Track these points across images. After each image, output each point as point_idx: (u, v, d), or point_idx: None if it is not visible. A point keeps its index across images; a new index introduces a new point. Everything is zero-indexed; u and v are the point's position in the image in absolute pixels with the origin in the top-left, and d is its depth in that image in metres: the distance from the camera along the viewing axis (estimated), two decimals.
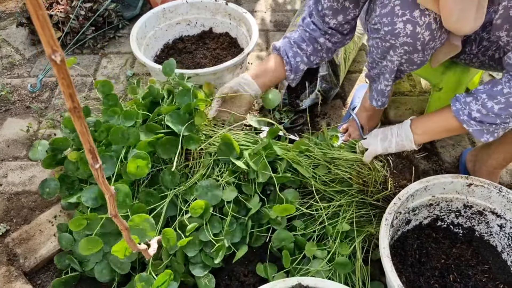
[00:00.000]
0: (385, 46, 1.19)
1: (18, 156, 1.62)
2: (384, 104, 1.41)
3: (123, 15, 2.19)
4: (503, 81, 1.08)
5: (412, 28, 1.10)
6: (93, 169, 0.67)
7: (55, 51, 0.49)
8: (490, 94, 1.09)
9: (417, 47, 1.14)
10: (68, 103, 0.57)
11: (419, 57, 1.18)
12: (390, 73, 1.27)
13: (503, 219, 1.27)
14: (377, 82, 1.36)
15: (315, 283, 1.06)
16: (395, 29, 1.12)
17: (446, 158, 1.63)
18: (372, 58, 1.30)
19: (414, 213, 1.31)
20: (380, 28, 1.16)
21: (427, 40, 1.12)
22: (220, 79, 1.62)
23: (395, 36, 1.14)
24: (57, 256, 1.31)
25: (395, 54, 1.18)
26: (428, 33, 1.11)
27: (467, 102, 1.14)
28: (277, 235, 1.26)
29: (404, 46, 1.15)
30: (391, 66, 1.24)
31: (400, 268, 1.27)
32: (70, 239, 1.29)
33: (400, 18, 1.10)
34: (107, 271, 1.24)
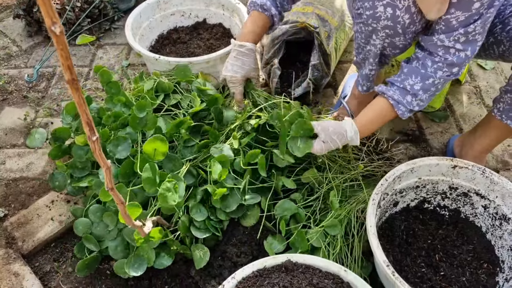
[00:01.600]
0: (368, 30, 1.23)
1: (16, 144, 1.65)
2: (369, 89, 1.45)
3: (119, 7, 2.22)
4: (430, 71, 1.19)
5: (392, 12, 1.15)
6: (90, 141, 0.71)
7: (55, 23, 0.53)
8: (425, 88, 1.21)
9: (397, 30, 1.18)
10: (66, 74, 0.61)
11: (400, 41, 1.22)
12: (374, 57, 1.31)
13: (487, 200, 1.32)
14: (363, 67, 1.40)
15: (303, 259, 1.11)
16: (376, 13, 1.17)
17: (435, 145, 1.68)
18: (357, 44, 1.34)
19: (401, 195, 1.36)
20: (362, 13, 1.20)
21: (407, 23, 1.17)
22: (213, 67, 1.66)
23: (376, 20, 1.18)
24: (77, 247, 1.33)
25: (377, 37, 1.23)
26: (408, 16, 1.15)
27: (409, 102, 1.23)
28: (282, 204, 1.29)
29: (385, 29, 1.19)
30: (374, 50, 1.28)
31: (387, 248, 1.31)
32: (88, 222, 1.31)
33: (381, 2, 1.14)
34: (121, 248, 1.27)
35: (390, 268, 1.08)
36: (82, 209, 1.35)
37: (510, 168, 1.62)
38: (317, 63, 1.75)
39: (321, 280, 1.06)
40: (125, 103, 1.46)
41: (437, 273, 1.27)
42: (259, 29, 1.40)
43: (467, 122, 1.76)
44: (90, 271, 1.30)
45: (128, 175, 1.29)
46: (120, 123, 1.43)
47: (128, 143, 1.35)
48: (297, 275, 1.07)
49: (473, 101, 1.85)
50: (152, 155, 1.24)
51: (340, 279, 1.08)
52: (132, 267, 1.21)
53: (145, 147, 1.23)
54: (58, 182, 1.40)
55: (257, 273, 1.08)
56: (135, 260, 1.22)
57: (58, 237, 1.41)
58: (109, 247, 1.27)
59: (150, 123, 1.36)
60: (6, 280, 1.28)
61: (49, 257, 1.37)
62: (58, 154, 1.43)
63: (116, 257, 1.27)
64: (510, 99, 1.30)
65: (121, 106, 1.46)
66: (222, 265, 1.33)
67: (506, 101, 1.32)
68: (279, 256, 1.11)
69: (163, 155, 1.25)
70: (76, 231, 1.31)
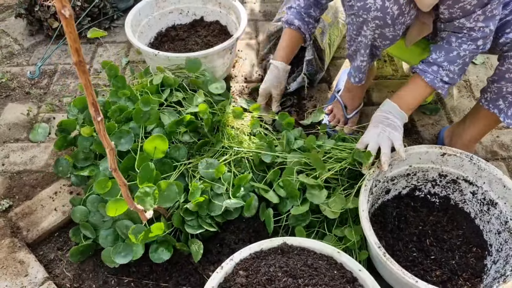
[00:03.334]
0: (359, 21, 1.28)
1: (19, 138, 1.70)
2: (362, 80, 1.49)
3: (118, 7, 2.27)
4: (455, 45, 1.27)
5: (381, 3, 1.20)
6: (95, 122, 0.76)
7: (64, 6, 0.58)
8: (450, 60, 1.28)
9: (387, 21, 1.24)
10: (74, 57, 0.66)
11: (390, 32, 1.27)
12: (365, 49, 1.37)
13: (475, 186, 1.37)
14: (355, 59, 1.45)
15: (299, 242, 1.15)
16: (366, 4, 1.22)
17: (426, 136, 1.73)
18: (349, 36, 1.40)
19: (393, 183, 1.41)
20: (354, 4, 1.26)
21: (396, 14, 1.22)
22: (210, 62, 1.71)
23: (366, 11, 1.23)
24: (73, 230, 1.37)
25: (368, 28, 1.28)
26: (397, 8, 1.21)
27: (435, 71, 1.29)
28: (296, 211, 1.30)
29: (375, 20, 1.24)
30: (365, 41, 1.34)
31: (380, 234, 1.36)
32: (85, 211, 1.36)
33: None
34: (112, 238, 1.31)
35: (381, 249, 1.13)
36: (80, 199, 1.40)
37: (499, 158, 1.67)
38: (311, 58, 1.80)
39: (315, 261, 1.11)
40: (129, 97, 1.51)
41: (427, 257, 1.32)
42: (290, 46, 1.62)
43: (458, 115, 1.81)
44: (83, 258, 1.35)
45: (127, 170, 1.34)
46: (124, 117, 1.48)
47: (130, 136, 1.39)
48: (292, 256, 1.12)
49: (463, 94, 1.91)
50: (152, 153, 1.29)
51: (334, 260, 1.12)
52: (119, 255, 1.25)
53: (145, 145, 1.27)
54: (61, 167, 1.47)
55: (254, 255, 1.12)
56: (123, 248, 1.25)
57: (61, 227, 1.45)
58: (100, 235, 1.30)
59: (153, 118, 1.42)
60: (12, 268, 1.32)
61: (53, 246, 1.42)
62: (63, 145, 1.49)
63: (105, 246, 1.30)
64: (496, 88, 1.35)
65: (125, 100, 1.51)
66: (221, 252, 1.38)
67: (493, 90, 1.37)
68: (275, 239, 1.15)
69: (163, 153, 1.29)
70: (74, 218, 1.36)
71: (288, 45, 1.61)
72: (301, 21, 1.54)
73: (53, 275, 1.34)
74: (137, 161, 1.27)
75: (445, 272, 1.28)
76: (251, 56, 2.08)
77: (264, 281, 1.04)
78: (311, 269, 1.08)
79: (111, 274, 1.34)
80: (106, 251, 1.28)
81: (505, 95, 1.34)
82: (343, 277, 1.08)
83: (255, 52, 2.10)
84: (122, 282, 1.32)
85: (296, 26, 1.54)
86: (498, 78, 1.32)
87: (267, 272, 1.06)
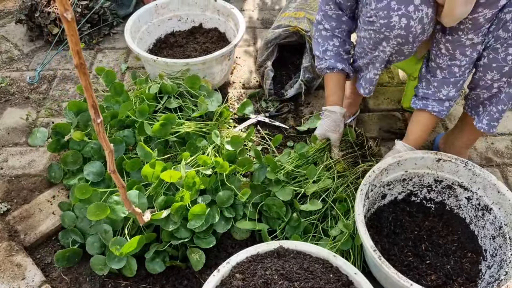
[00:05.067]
0: (379, 38, 1.29)
1: (18, 143, 1.71)
2: (371, 92, 1.51)
3: (117, 13, 2.29)
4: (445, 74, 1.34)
5: (406, 22, 1.22)
6: (95, 124, 0.77)
7: (67, 10, 0.60)
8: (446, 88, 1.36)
9: (409, 39, 1.26)
10: (75, 59, 0.67)
11: (408, 49, 1.30)
12: (381, 63, 1.38)
13: (470, 192, 1.38)
14: (365, 71, 1.46)
15: (295, 246, 1.16)
16: (390, 22, 1.23)
17: None
18: (362, 49, 1.40)
19: (389, 188, 1.42)
20: (375, 21, 1.26)
21: (418, 33, 1.24)
22: (209, 68, 1.73)
23: (390, 29, 1.25)
24: (62, 233, 1.40)
25: (388, 45, 1.30)
26: (420, 27, 1.23)
27: (441, 103, 1.37)
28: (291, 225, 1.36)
29: (397, 38, 1.26)
30: (382, 56, 1.35)
31: (376, 238, 1.37)
32: (73, 216, 1.39)
33: (396, 12, 1.21)
34: (98, 244, 1.33)
35: (376, 252, 1.14)
36: (69, 204, 1.43)
37: (494, 164, 1.69)
38: (308, 65, 1.82)
39: (311, 265, 1.12)
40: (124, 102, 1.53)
41: (423, 261, 1.33)
42: (336, 88, 1.52)
43: (453, 121, 1.83)
44: (69, 264, 1.35)
45: None
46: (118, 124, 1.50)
47: (123, 146, 1.45)
48: (288, 260, 1.13)
49: (458, 102, 1.93)
50: (150, 177, 1.33)
51: (329, 264, 1.13)
52: (112, 261, 1.27)
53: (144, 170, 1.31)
54: (54, 173, 1.52)
55: (250, 258, 1.13)
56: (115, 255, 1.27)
57: (59, 230, 1.45)
58: (87, 241, 1.32)
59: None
60: (9, 271, 1.32)
61: (50, 249, 1.42)
62: (56, 147, 1.52)
63: (92, 253, 1.32)
64: (475, 95, 1.38)
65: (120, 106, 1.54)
66: (218, 256, 1.38)
67: (473, 97, 1.40)
68: (272, 242, 1.16)
69: (156, 179, 1.32)
70: (63, 223, 1.39)
71: (338, 89, 1.52)
72: (342, 62, 1.47)
73: (50, 279, 1.34)
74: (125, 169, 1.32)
75: (440, 277, 1.28)
76: (249, 63, 2.10)
77: (260, 284, 1.05)
78: (307, 272, 1.09)
79: (108, 278, 1.34)
80: (96, 259, 1.30)
81: (483, 102, 1.37)
82: (338, 281, 1.09)
83: (253, 59, 2.12)
84: (119, 285, 1.32)
85: (339, 69, 1.47)
86: (474, 85, 1.36)
87: (264, 275, 1.07)
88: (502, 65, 1.23)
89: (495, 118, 1.37)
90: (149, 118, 1.53)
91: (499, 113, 1.35)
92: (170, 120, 1.45)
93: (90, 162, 1.42)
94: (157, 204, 1.30)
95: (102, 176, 1.42)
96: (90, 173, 1.40)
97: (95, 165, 1.42)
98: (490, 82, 1.29)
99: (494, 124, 1.38)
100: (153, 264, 1.30)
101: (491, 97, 1.34)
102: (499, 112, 1.35)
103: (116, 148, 1.43)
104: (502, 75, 1.26)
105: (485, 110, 1.38)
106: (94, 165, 1.42)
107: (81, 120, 1.51)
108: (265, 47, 1.91)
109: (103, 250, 1.33)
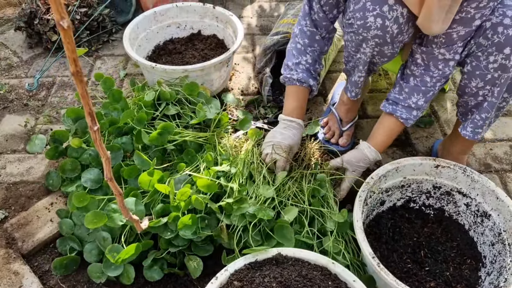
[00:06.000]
0: (358, 39, 1.30)
1: (16, 149, 1.71)
2: (358, 95, 1.52)
3: (116, 20, 2.30)
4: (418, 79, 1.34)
5: (381, 22, 1.22)
6: (92, 131, 0.77)
7: (63, 18, 0.60)
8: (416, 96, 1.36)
9: (386, 40, 1.26)
10: (72, 67, 0.67)
11: (389, 49, 1.30)
12: (364, 65, 1.39)
13: (469, 198, 1.38)
14: (352, 74, 1.48)
15: (293, 253, 1.16)
16: (366, 23, 1.24)
17: (420, 149, 1.75)
18: (347, 52, 1.42)
19: (387, 194, 1.42)
20: (353, 23, 1.28)
21: (395, 33, 1.25)
22: (207, 75, 1.73)
23: (366, 29, 1.25)
24: (60, 240, 1.39)
25: (368, 46, 1.30)
26: (396, 27, 1.23)
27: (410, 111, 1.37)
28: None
29: (375, 38, 1.27)
30: (364, 58, 1.36)
31: (375, 245, 1.36)
32: (71, 223, 1.38)
33: (371, 12, 1.22)
34: (96, 252, 1.32)
35: (375, 259, 1.13)
36: (67, 211, 1.43)
37: (492, 170, 1.69)
38: None
39: (310, 272, 1.11)
40: (123, 109, 1.54)
41: (422, 268, 1.32)
42: (302, 102, 1.51)
43: (451, 127, 1.83)
44: (67, 272, 1.34)
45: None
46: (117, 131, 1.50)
47: (120, 153, 1.44)
48: (287, 267, 1.13)
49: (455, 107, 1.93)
50: (147, 186, 1.33)
51: (328, 271, 1.13)
52: (109, 268, 1.27)
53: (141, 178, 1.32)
54: (52, 180, 1.51)
55: (248, 265, 1.13)
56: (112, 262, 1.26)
57: (56, 238, 1.45)
58: (85, 249, 1.32)
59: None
60: (6, 279, 1.32)
61: (48, 257, 1.41)
62: (54, 154, 1.52)
63: (90, 260, 1.31)
64: (464, 102, 1.39)
65: (119, 114, 1.54)
66: (216, 263, 1.37)
67: (462, 104, 1.41)
68: (270, 249, 1.16)
69: (153, 187, 1.32)
70: (61, 230, 1.39)
71: (304, 103, 1.52)
72: (312, 79, 1.48)
73: (47, 286, 1.33)
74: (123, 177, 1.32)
75: (439, 284, 1.28)
76: (248, 70, 2.10)
77: None
78: (306, 279, 1.08)
79: (106, 286, 1.33)
80: (93, 267, 1.29)
81: (471, 109, 1.38)
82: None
83: (252, 66, 2.13)
84: None
85: (308, 85, 1.48)
86: (462, 92, 1.37)
87: (262, 282, 1.07)
88: (484, 73, 1.24)
89: (479, 125, 1.37)
90: (147, 125, 1.53)
91: (482, 120, 1.36)
92: (168, 129, 1.45)
93: (88, 169, 1.42)
94: (154, 211, 1.30)
95: (100, 183, 1.42)
96: (88, 180, 1.40)
97: (93, 172, 1.42)
98: (475, 89, 1.30)
99: (478, 131, 1.39)
100: (151, 272, 1.30)
101: (478, 105, 1.35)
102: (482, 119, 1.36)
103: (113, 155, 1.43)
104: (485, 83, 1.27)
105: (472, 118, 1.39)
106: (92, 172, 1.42)
107: (79, 127, 1.52)
108: (263, 54, 1.91)
109: (101, 258, 1.32)
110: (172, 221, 1.27)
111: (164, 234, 1.27)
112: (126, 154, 1.49)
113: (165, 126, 1.45)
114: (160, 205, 1.31)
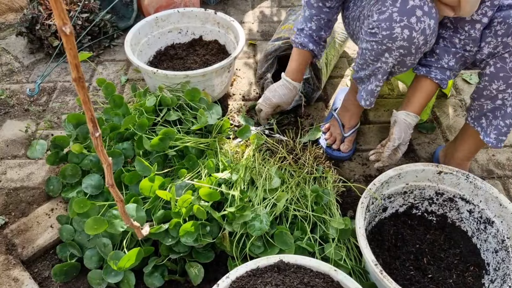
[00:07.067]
0: (381, 49, 1.29)
1: (17, 155, 1.70)
2: (372, 104, 1.50)
3: (118, 26, 2.30)
4: None
5: (409, 33, 1.22)
6: (93, 137, 0.76)
7: (65, 24, 0.60)
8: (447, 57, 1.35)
9: (411, 51, 1.26)
10: (74, 73, 0.67)
11: (411, 60, 1.30)
12: (383, 74, 1.38)
13: (472, 205, 1.37)
14: (367, 83, 1.46)
15: (295, 260, 1.15)
16: (393, 34, 1.23)
17: (422, 154, 1.74)
18: (364, 60, 1.39)
19: (390, 200, 1.41)
20: (378, 32, 1.27)
21: (420, 44, 1.25)
22: (209, 81, 1.73)
23: (392, 40, 1.25)
24: (60, 246, 1.39)
25: (391, 56, 1.30)
26: (423, 38, 1.23)
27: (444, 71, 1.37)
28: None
29: (400, 49, 1.26)
30: (385, 67, 1.35)
31: (377, 251, 1.35)
32: (71, 229, 1.38)
33: (398, 23, 1.21)
34: (96, 258, 1.32)
35: (378, 267, 1.12)
36: (67, 217, 1.42)
37: (495, 176, 1.68)
38: (308, 77, 1.82)
39: (312, 279, 1.10)
40: (124, 115, 1.53)
41: (425, 275, 1.31)
42: (301, 65, 1.63)
43: (453, 133, 1.82)
44: (67, 279, 1.33)
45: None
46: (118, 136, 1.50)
47: (121, 159, 1.44)
48: (289, 274, 1.11)
49: (458, 113, 1.93)
50: (148, 192, 1.33)
51: (330, 278, 1.12)
52: (109, 275, 1.26)
53: (142, 184, 1.31)
54: (52, 186, 1.50)
55: (250, 273, 1.11)
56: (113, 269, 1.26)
57: (57, 244, 1.44)
58: (85, 255, 1.31)
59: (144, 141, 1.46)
60: (6, 285, 1.31)
61: (48, 263, 1.40)
62: (55, 160, 1.51)
63: (90, 267, 1.30)
64: (478, 106, 1.37)
65: (120, 119, 1.54)
66: (217, 270, 1.37)
67: (476, 108, 1.39)
68: (271, 256, 1.15)
69: (154, 193, 1.32)
70: (61, 236, 1.38)
71: (303, 66, 1.64)
72: (315, 44, 1.57)
73: None
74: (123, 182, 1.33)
75: None
76: (249, 75, 2.10)
77: None
78: (308, 287, 1.07)
79: None
80: (93, 273, 1.29)
81: (486, 113, 1.37)
82: None
83: (253, 71, 2.13)
84: None
85: (310, 49, 1.57)
86: (478, 95, 1.35)
87: None
88: (509, 75, 1.23)
89: (503, 133, 1.36)
90: (148, 131, 1.52)
91: (507, 127, 1.34)
92: (169, 134, 1.45)
93: (88, 175, 1.41)
94: (155, 218, 1.29)
95: (101, 189, 1.41)
96: (88, 186, 1.40)
97: (94, 178, 1.42)
98: (495, 92, 1.29)
99: (502, 139, 1.37)
100: (152, 279, 1.29)
101: (494, 109, 1.33)
102: (507, 126, 1.34)
103: (115, 160, 1.42)
104: (508, 86, 1.25)
105: (491, 124, 1.37)
106: (92, 178, 1.41)
107: (80, 132, 1.51)
108: (265, 59, 1.91)
109: (101, 264, 1.32)
110: (173, 227, 1.26)
111: (165, 241, 1.26)
112: (127, 160, 1.48)
113: (166, 131, 1.44)
114: (161, 211, 1.30)
